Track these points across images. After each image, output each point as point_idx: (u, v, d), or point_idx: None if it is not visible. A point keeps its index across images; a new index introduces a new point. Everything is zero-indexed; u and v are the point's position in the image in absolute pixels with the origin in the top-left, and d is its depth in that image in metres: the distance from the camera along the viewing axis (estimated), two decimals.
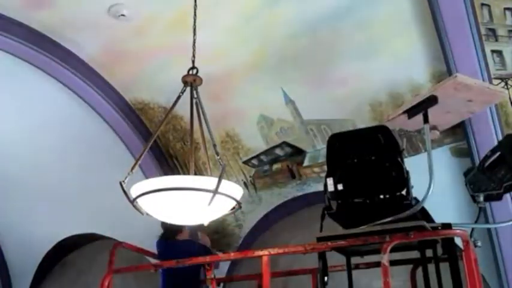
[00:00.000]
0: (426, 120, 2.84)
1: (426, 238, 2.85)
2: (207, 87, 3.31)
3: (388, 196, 2.90)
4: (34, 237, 6.38)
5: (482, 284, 2.98)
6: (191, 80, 3.07)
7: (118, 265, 3.85)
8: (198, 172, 4.89)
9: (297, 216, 5.37)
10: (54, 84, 4.81)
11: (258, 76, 4.62)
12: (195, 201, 2.61)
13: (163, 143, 5.38)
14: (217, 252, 4.86)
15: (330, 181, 3.00)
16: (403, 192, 2.88)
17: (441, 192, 3.53)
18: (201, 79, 3.09)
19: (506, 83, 3.81)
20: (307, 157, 4.98)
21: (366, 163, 3.00)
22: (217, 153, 3.03)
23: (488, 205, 3.78)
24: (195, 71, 3.09)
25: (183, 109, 3.50)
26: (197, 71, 3.09)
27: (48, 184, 5.84)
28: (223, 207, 2.77)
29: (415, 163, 3.20)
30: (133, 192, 2.67)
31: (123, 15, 4.14)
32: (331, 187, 2.99)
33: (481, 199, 2.91)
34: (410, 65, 4.11)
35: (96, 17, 4.22)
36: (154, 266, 3.98)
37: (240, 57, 4.50)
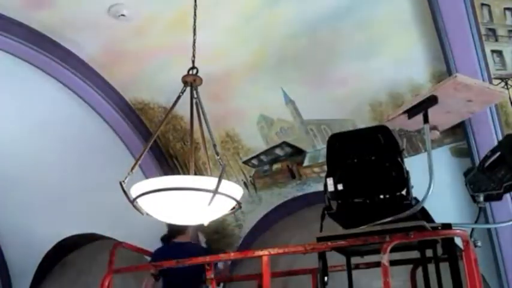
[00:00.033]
0: (426, 120, 2.84)
1: (426, 238, 2.85)
2: (207, 87, 3.31)
3: (388, 196, 2.90)
4: (34, 237, 6.38)
5: (482, 284, 2.98)
6: (191, 80, 3.07)
7: (118, 265, 3.85)
8: (198, 172, 4.88)
9: (297, 216, 5.36)
10: (54, 84, 4.81)
11: (258, 76, 4.62)
12: (195, 201, 2.61)
13: (163, 143, 5.38)
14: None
15: (330, 181, 3.00)
16: (403, 192, 2.88)
17: (441, 192, 3.53)
18: (201, 79, 3.09)
19: (506, 83, 3.80)
20: (307, 157, 4.98)
21: (366, 163, 2.99)
22: (217, 153, 3.03)
23: (488, 205, 3.78)
24: (195, 71, 3.09)
25: (183, 109, 3.50)
26: (197, 71, 3.10)
27: (48, 184, 5.84)
28: (223, 207, 2.77)
29: (415, 163, 3.20)
30: (133, 192, 2.68)
31: (123, 15, 4.15)
32: (331, 187, 2.99)
33: (481, 199, 2.91)
34: (410, 65, 4.11)
35: (96, 17, 4.22)
36: (154, 266, 3.98)
37: (240, 57, 4.50)
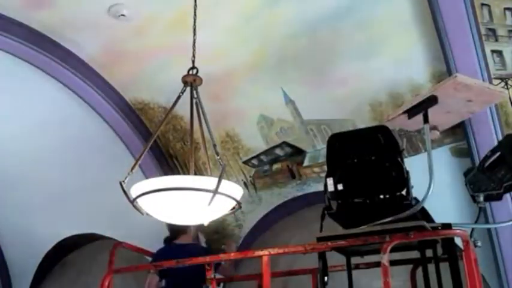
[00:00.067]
0: (426, 120, 2.84)
1: (426, 238, 2.85)
2: (207, 87, 3.31)
3: (388, 196, 2.89)
4: (34, 237, 6.38)
5: (482, 284, 2.98)
6: (191, 80, 3.07)
7: (118, 265, 3.85)
8: (198, 172, 4.88)
9: (297, 216, 5.36)
10: (54, 84, 4.81)
11: (258, 76, 4.62)
12: (195, 201, 2.61)
13: (163, 143, 5.38)
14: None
15: (330, 181, 3.00)
16: (403, 192, 2.88)
17: (441, 192, 3.53)
18: (201, 79, 3.09)
19: (506, 83, 3.80)
20: (307, 157, 4.98)
21: (366, 163, 2.99)
22: (217, 153, 3.03)
23: (488, 205, 3.78)
24: (195, 71, 3.09)
25: (183, 109, 3.50)
26: (197, 71, 3.10)
27: (48, 184, 5.84)
28: (223, 207, 2.77)
29: (415, 163, 3.20)
30: (133, 192, 2.68)
31: (123, 15, 4.14)
32: (331, 187, 2.99)
33: (481, 199, 2.91)
34: (410, 65, 4.11)
35: (96, 17, 4.22)
36: (154, 266, 3.98)
37: (240, 57, 4.50)
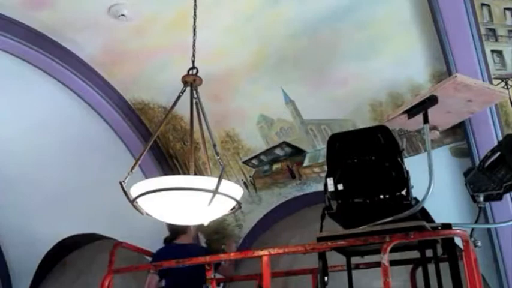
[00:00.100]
0: (426, 120, 2.84)
1: (426, 238, 2.85)
2: (207, 87, 3.31)
3: (388, 196, 2.89)
4: (34, 237, 6.37)
5: (482, 284, 2.98)
6: (191, 80, 3.07)
7: (118, 265, 3.85)
8: (198, 172, 4.88)
9: (297, 216, 5.36)
10: (54, 84, 4.81)
11: (258, 76, 4.62)
12: (195, 201, 2.61)
13: (163, 143, 5.37)
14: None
15: (330, 181, 3.00)
16: (403, 192, 2.88)
17: (441, 192, 3.53)
18: (201, 79, 3.09)
19: (506, 83, 3.80)
20: (307, 157, 4.98)
21: (366, 163, 2.99)
22: (217, 153, 3.04)
23: (488, 205, 3.78)
24: (195, 71, 3.10)
25: (183, 109, 3.50)
26: (197, 71, 3.10)
27: (48, 184, 5.83)
28: (223, 207, 2.77)
29: (415, 163, 3.20)
30: (133, 192, 2.68)
31: (123, 15, 4.14)
32: (331, 187, 2.99)
33: (481, 199, 2.91)
34: (410, 65, 4.11)
35: (96, 17, 4.22)
36: (154, 266, 3.98)
37: (240, 57, 4.49)
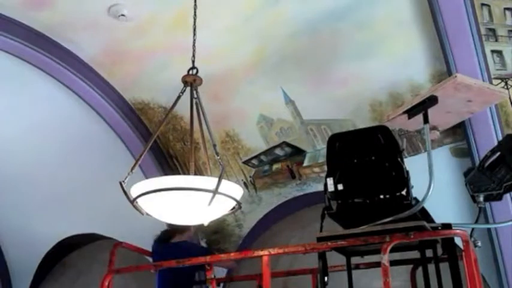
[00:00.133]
0: (426, 120, 2.84)
1: (426, 238, 2.85)
2: (207, 87, 3.31)
3: (388, 196, 2.90)
4: (34, 237, 6.38)
5: (482, 284, 2.98)
6: (191, 80, 3.07)
7: (118, 265, 3.85)
8: (198, 172, 4.88)
9: (297, 216, 5.36)
10: (54, 84, 4.81)
11: (258, 76, 4.62)
12: (195, 201, 2.61)
13: (163, 143, 5.38)
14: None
15: (330, 181, 3.00)
16: (403, 192, 2.88)
17: (441, 192, 3.53)
18: (201, 79, 3.09)
19: (506, 83, 3.80)
20: (307, 157, 4.98)
21: (366, 163, 2.99)
22: (217, 153, 3.04)
23: (488, 205, 3.78)
24: (195, 71, 3.10)
25: (183, 109, 3.50)
26: (197, 71, 3.10)
27: (48, 184, 5.83)
28: (223, 207, 2.77)
29: (415, 163, 3.20)
30: (133, 192, 2.68)
31: (123, 15, 4.14)
32: (331, 187, 2.99)
33: (481, 199, 2.91)
34: (410, 65, 4.11)
35: (96, 17, 4.22)
36: (154, 266, 3.98)
37: (240, 57, 4.50)
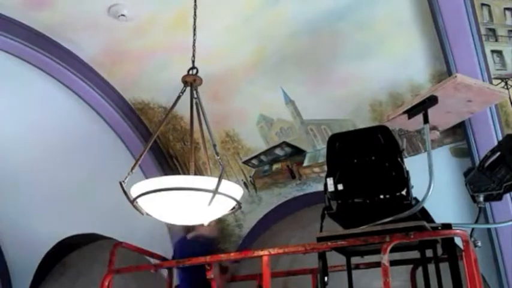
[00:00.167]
0: (426, 120, 2.85)
1: (426, 238, 2.85)
2: (207, 87, 3.31)
3: (388, 196, 2.90)
4: (34, 237, 6.37)
5: (482, 284, 2.98)
6: (191, 80, 3.07)
7: (118, 265, 3.85)
8: (198, 172, 4.88)
9: (297, 216, 5.36)
10: (54, 84, 4.81)
11: (258, 76, 4.62)
12: (195, 201, 2.61)
13: (163, 143, 5.37)
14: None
15: (330, 181, 3.00)
16: (403, 192, 2.88)
17: (441, 192, 3.52)
18: (201, 79, 3.09)
19: (506, 83, 3.80)
20: (307, 157, 4.98)
21: (366, 163, 3.00)
22: (217, 153, 3.03)
23: (488, 205, 3.78)
24: (195, 71, 3.09)
25: (183, 109, 3.50)
26: (197, 71, 3.10)
27: (48, 184, 5.83)
28: (223, 207, 2.77)
29: (415, 163, 3.20)
30: (133, 192, 2.67)
31: (123, 15, 4.14)
32: (331, 187, 2.99)
33: (481, 199, 2.92)
34: (410, 65, 4.10)
35: (96, 17, 4.22)
36: (154, 266, 3.99)
37: (240, 57, 4.50)
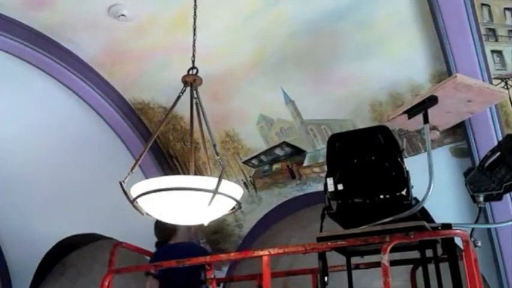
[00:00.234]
0: (426, 120, 2.84)
1: (426, 238, 2.85)
2: (207, 87, 3.32)
3: (388, 196, 2.89)
4: (34, 237, 6.37)
5: (482, 284, 2.98)
6: (191, 80, 3.07)
7: (118, 265, 3.85)
8: (198, 172, 4.88)
9: (297, 216, 5.36)
10: (54, 84, 4.81)
11: (258, 76, 4.62)
12: (195, 201, 2.61)
13: (163, 143, 5.38)
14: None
15: (330, 181, 3.00)
16: (403, 192, 2.88)
17: (441, 192, 3.52)
18: (201, 79, 3.09)
19: (506, 83, 3.80)
20: (307, 157, 4.98)
21: (366, 163, 2.99)
22: (217, 153, 3.04)
23: (488, 205, 3.78)
24: (195, 71, 3.10)
25: (183, 109, 3.50)
26: (197, 71, 3.10)
27: (48, 184, 5.84)
28: (223, 207, 2.77)
29: (415, 163, 3.20)
30: (133, 192, 2.68)
31: (123, 15, 4.14)
32: (331, 187, 2.99)
33: (481, 199, 2.91)
34: (410, 65, 4.10)
35: (96, 17, 4.22)
36: (154, 266, 3.98)
37: (240, 57, 4.50)
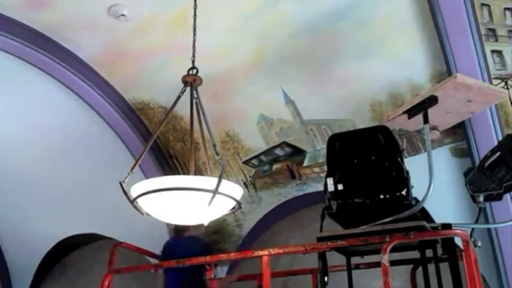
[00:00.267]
0: (426, 120, 2.85)
1: (426, 238, 2.85)
2: (207, 87, 3.32)
3: (388, 196, 2.90)
4: (34, 237, 6.38)
5: (482, 284, 2.98)
6: (191, 80, 3.08)
7: (118, 265, 3.85)
8: (198, 172, 4.89)
9: (297, 216, 5.36)
10: (54, 84, 4.81)
11: (258, 76, 4.62)
12: (195, 201, 2.61)
13: (163, 143, 5.38)
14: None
15: (330, 181, 3.00)
16: (403, 192, 2.88)
17: (441, 192, 3.53)
18: (201, 79, 3.10)
19: (506, 83, 3.80)
20: (307, 157, 4.98)
21: (366, 163, 3.00)
22: (217, 153, 3.04)
23: (488, 205, 3.78)
24: (195, 71, 3.10)
25: (183, 109, 3.50)
26: (197, 71, 3.10)
27: (48, 184, 5.83)
28: (223, 207, 2.77)
29: (415, 163, 3.20)
30: (133, 192, 2.68)
31: (123, 15, 4.15)
32: (331, 187, 2.99)
33: (481, 199, 2.92)
34: (410, 65, 4.10)
35: (96, 17, 4.22)
36: (154, 266, 3.99)
37: (240, 57, 4.50)
